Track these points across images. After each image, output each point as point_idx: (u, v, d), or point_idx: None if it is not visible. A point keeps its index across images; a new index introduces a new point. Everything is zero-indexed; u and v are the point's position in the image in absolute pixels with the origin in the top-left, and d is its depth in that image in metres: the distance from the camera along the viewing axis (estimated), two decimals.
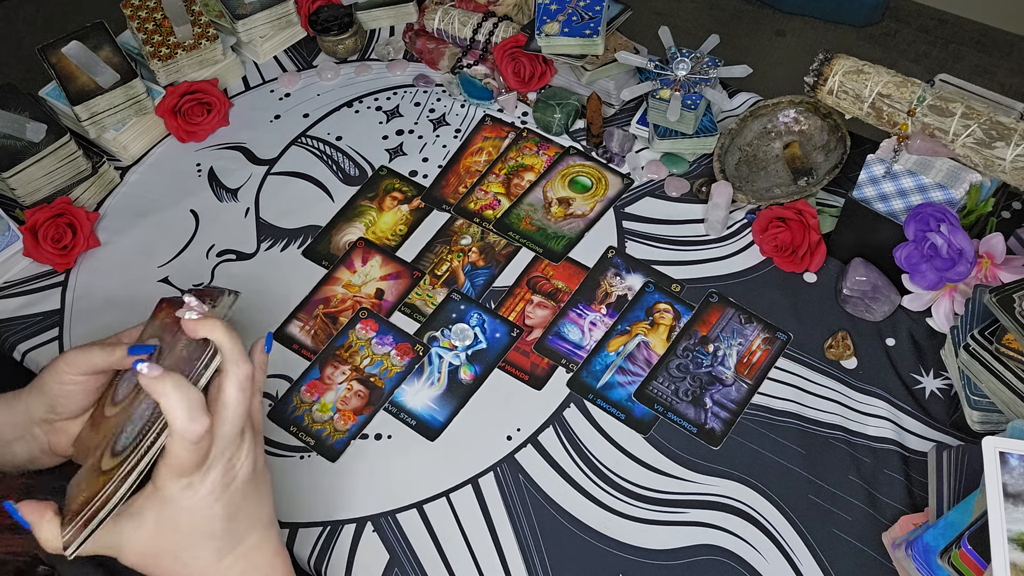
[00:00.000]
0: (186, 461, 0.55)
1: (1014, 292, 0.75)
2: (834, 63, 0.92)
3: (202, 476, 0.56)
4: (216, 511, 0.58)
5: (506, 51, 1.10)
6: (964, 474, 0.74)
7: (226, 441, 0.57)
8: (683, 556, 0.79)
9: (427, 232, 1.02)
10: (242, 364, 0.57)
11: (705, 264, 0.97)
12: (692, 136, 1.02)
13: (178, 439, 0.54)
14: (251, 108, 1.16)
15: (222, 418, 0.57)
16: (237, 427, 0.57)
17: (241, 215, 1.05)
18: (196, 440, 0.54)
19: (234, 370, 0.57)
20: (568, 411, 0.88)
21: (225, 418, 0.57)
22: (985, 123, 0.84)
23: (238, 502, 0.59)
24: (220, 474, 0.57)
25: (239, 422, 0.57)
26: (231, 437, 0.57)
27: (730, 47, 2.18)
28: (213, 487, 0.57)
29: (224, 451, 0.57)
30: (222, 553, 0.59)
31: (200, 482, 0.56)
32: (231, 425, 0.57)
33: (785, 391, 0.88)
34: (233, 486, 0.58)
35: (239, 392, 0.57)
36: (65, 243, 0.99)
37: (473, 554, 0.80)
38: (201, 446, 0.55)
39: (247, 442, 0.59)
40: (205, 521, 0.58)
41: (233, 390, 0.57)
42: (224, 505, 0.58)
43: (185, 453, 0.54)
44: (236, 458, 0.58)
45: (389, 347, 0.93)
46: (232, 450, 0.58)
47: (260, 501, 0.62)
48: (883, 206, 0.88)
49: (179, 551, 0.58)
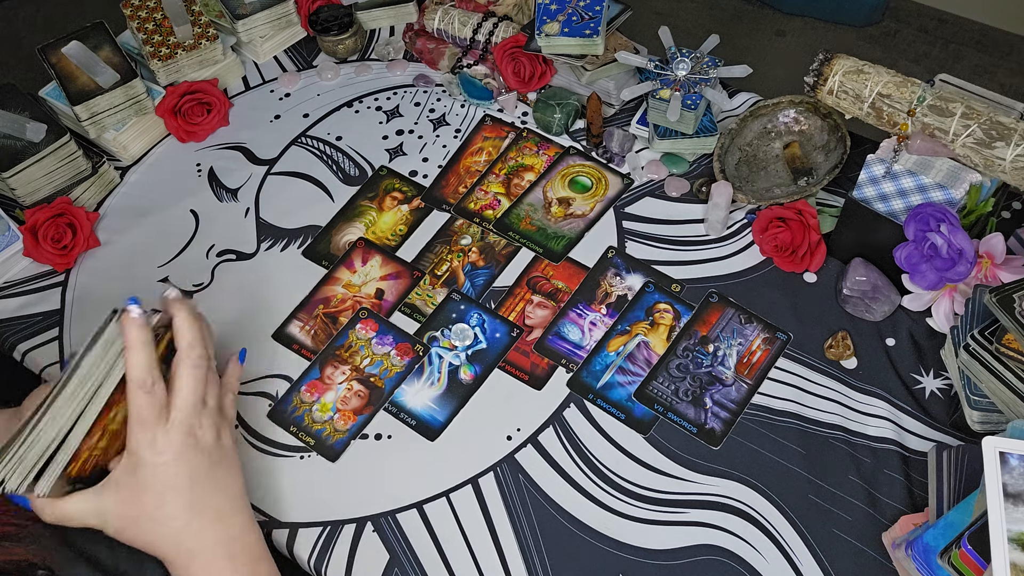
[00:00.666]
0: (144, 409, 0.66)
1: (1014, 292, 0.75)
2: (834, 63, 0.92)
3: (166, 433, 0.67)
4: (181, 471, 0.67)
5: (506, 51, 1.10)
6: (964, 474, 0.74)
7: (185, 408, 0.68)
8: (683, 556, 0.79)
9: (427, 232, 1.02)
10: (195, 347, 0.70)
11: (705, 264, 0.97)
12: (692, 136, 1.02)
13: (135, 387, 0.66)
14: (251, 108, 1.16)
15: (178, 388, 0.69)
16: (193, 397, 0.69)
17: (241, 215, 1.05)
18: (148, 389, 0.66)
19: (187, 351, 0.70)
20: (568, 411, 0.88)
21: (181, 388, 0.69)
22: (985, 123, 0.84)
23: (204, 468, 0.69)
24: (182, 438, 0.68)
25: (194, 393, 0.69)
26: (190, 405, 0.68)
27: (730, 47, 2.18)
28: (177, 447, 0.67)
29: (185, 418, 0.68)
30: (193, 512, 0.68)
31: (164, 440, 0.67)
32: (187, 394, 0.69)
33: (785, 391, 0.88)
34: (197, 450, 0.69)
35: (192, 369, 0.69)
36: (65, 243, 0.99)
37: (473, 554, 0.80)
38: (155, 394, 0.66)
39: (208, 415, 0.70)
40: (173, 479, 0.67)
41: (187, 368, 0.69)
42: (188, 467, 0.68)
43: (142, 400, 0.66)
44: (196, 426, 0.69)
45: (389, 347, 0.93)
46: (192, 418, 0.69)
47: (229, 474, 0.72)
48: (883, 206, 0.88)
49: (153, 511, 0.66)
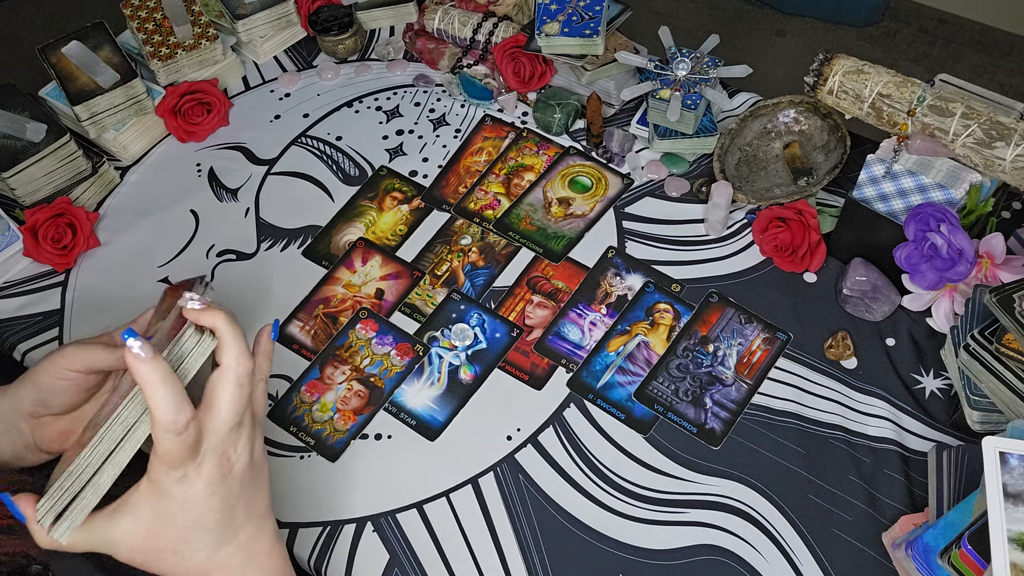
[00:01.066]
0: (174, 452, 0.53)
1: (1014, 292, 0.75)
2: (834, 63, 0.92)
3: (196, 468, 0.55)
4: (213, 504, 0.57)
5: (506, 51, 1.10)
6: (964, 474, 0.74)
7: (221, 435, 0.56)
8: (683, 556, 0.79)
9: (427, 232, 1.02)
10: (243, 360, 0.56)
11: (705, 264, 0.97)
12: (692, 136, 1.02)
13: (162, 431, 0.52)
14: (251, 108, 1.16)
15: (217, 412, 0.56)
16: (233, 422, 0.56)
17: (241, 215, 1.05)
18: (179, 432, 0.53)
19: (234, 366, 0.56)
20: (568, 411, 0.88)
21: (220, 412, 0.56)
22: (985, 123, 0.84)
23: (235, 493, 0.58)
24: (215, 467, 0.56)
25: (235, 417, 0.56)
26: (226, 432, 0.56)
27: (730, 47, 2.18)
28: (209, 480, 0.56)
29: (219, 445, 0.56)
30: (220, 544, 0.58)
31: (195, 474, 0.55)
32: (226, 420, 0.56)
33: (785, 391, 0.88)
34: (230, 478, 0.57)
35: (237, 388, 0.56)
36: (65, 243, 0.99)
37: (473, 554, 0.80)
38: (187, 436, 0.53)
39: (244, 434, 0.58)
40: (203, 514, 0.56)
41: (231, 387, 0.56)
42: (221, 498, 0.57)
43: (171, 444, 0.53)
44: (232, 451, 0.57)
45: (389, 347, 0.93)
46: (228, 443, 0.56)
47: (256, 492, 0.61)
48: (883, 206, 0.88)
49: (178, 545, 0.57)
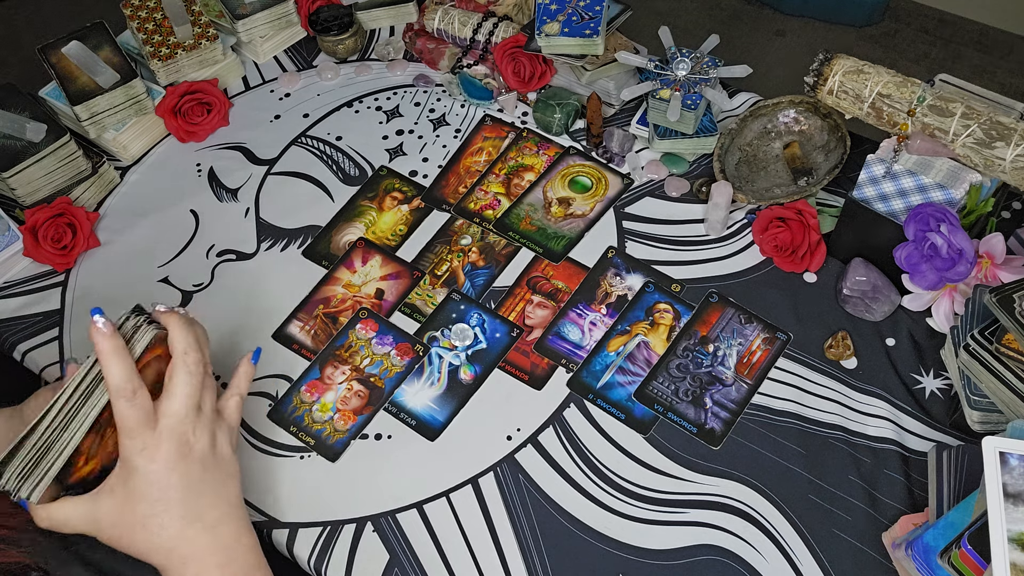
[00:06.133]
0: (129, 418, 0.64)
1: (1014, 292, 0.74)
2: (834, 63, 0.92)
3: (155, 441, 0.65)
4: (173, 481, 0.65)
5: (506, 51, 1.10)
6: (964, 474, 0.74)
7: (178, 416, 0.66)
8: (683, 556, 0.79)
9: (427, 232, 1.02)
10: (190, 352, 0.68)
11: (705, 264, 0.97)
12: (692, 136, 1.02)
13: (116, 397, 0.63)
14: (251, 108, 1.16)
15: (170, 394, 0.66)
16: (186, 404, 0.67)
17: (241, 215, 1.05)
18: (128, 397, 0.63)
19: (182, 355, 0.67)
20: (568, 411, 0.88)
21: (173, 394, 0.66)
22: (985, 123, 0.84)
23: (196, 475, 0.67)
24: (175, 446, 0.66)
25: (188, 399, 0.67)
26: (182, 412, 0.66)
27: (730, 47, 2.18)
28: (168, 457, 0.65)
29: (177, 424, 0.66)
30: (186, 523, 0.66)
31: (155, 447, 0.65)
32: (179, 401, 0.66)
33: (785, 391, 0.88)
34: (190, 458, 0.67)
35: (186, 375, 0.67)
36: (65, 243, 0.99)
37: (473, 554, 0.80)
38: (137, 403, 0.64)
39: (204, 422, 0.68)
40: (165, 490, 0.65)
41: (181, 374, 0.67)
42: (181, 475, 0.66)
43: (125, 410, 0.64)
44: (190, 433, 0.67)
45: (389, 347, 0.93)
46: (185, 425, 0.66)
47: (223, 481, 0.70)
48: (883, 206, 0.88)
49: (146, 519, 0.65)
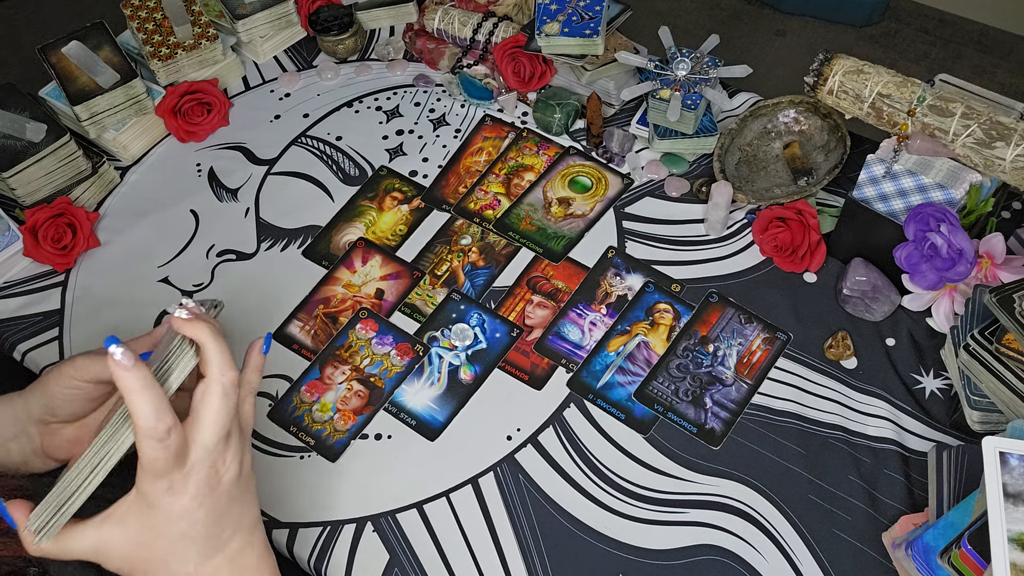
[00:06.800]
0: (158, 460, 0.54)
1: (1014, 292, 0.75)
2: (834, 63, 0.92)
3: (183, 479, 0.55)
4: (200, 516, 0.57)
5: (506, 51, 1.10)
6: (964, 474, 0.74)
7: (208, 447, 0.56)
8: (683, 556, 0.79)
9: (427, 232, 1.02)
10: (227, 371, 0.57)
11: (705, 264, 0.97)
12: (692, 136, 1.02)
13: (144, 437, 0.53)
14: (251, 108, 1.16)
15: (204, 423, 0.56)
16: (220, 433, 0.56)
17: (241, 215, 1.05)
18: (161, 438, 0.53)
19: (218, 376, 0.56)
20: (568, 411, 0.88)
21: (207, 423, 0.56)
22: (985, 123, 0.84)
23: (223, 506, 0.58)
24: (203, 479, 0.56)
25: (222, 429, 0.56)
26: (213, 443, 0.56)
27: (730, 47, 2.18)
28: (197, 491, 0.56)
29: (206, 456, 0.56)
30: (207, 557, 0.59)
31: (182, 486, 0.55)
32: (213, 431, 0.56)
33: (785, 391, 0.88)
34: (218, 491, 0.57)
35: (222, 399, 0.56)
36: (65, 243, 0.99)
37: (473, 554, 0.80)
38: (169, 444, 0.53)
39: (233, 446, 0.58)
40: (190, 526, 0.57)
41: (216, 398, 0.56)
42: (208, 510, 0.57)
43: (154, 452, 0.53)
44: (220, 463, 0.57)
45: (389, 347, 0.93)
46: (216, 455, 0.57)
47: (245, 504, 0.61)
48: (883, 206, 0.88)
49: (166, 556, 0.57)
